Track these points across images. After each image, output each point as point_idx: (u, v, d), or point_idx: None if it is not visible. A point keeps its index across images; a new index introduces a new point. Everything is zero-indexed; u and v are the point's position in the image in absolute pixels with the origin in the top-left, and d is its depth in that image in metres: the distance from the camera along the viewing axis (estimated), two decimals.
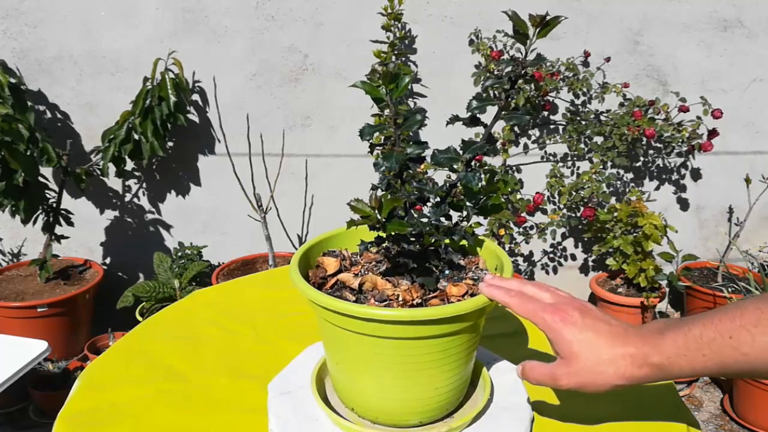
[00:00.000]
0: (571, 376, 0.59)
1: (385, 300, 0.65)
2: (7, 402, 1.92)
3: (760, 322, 0.52)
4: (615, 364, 0.58)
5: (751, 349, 0.52)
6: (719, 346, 0.53)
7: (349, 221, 0.66)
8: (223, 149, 2.23)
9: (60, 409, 0.74)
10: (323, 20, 2.16)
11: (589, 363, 0.59)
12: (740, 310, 0.53)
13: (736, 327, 0.53)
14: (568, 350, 0.60)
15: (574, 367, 0.59)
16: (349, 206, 0.65)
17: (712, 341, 0.54)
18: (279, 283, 1.08)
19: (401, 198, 0.67)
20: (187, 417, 0.73)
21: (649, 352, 0.57)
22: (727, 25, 2.16)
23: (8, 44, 2.15)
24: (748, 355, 0.52)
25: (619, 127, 2.11)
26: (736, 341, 0.53)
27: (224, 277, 2.22)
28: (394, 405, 0.67)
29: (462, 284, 0.67)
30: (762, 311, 0.52)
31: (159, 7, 2.13)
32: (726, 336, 0.53)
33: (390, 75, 0.66)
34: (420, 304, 0.65)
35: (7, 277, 2.19)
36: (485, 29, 2.13)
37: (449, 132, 0.99)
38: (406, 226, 0.66)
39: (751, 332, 0.52)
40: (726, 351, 0.53)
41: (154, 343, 0.90)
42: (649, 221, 2.06)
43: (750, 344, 0.52)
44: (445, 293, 0.67)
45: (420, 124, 0.68)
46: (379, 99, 0.67)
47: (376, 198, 0.65)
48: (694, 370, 0.56)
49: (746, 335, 0.52)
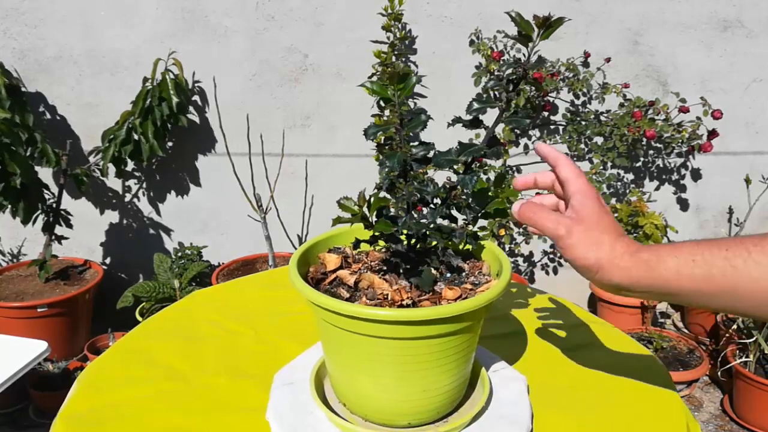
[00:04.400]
0: (572, 230, 0.60)
1: (375, 299, 0.65)
2: (7, 402, 1.92)
3: (760, 243, 0.52)
4: (612, 246, 0.59)
5: (744, 263, 0.52)
6: (712, 254, 0.54)
7: (335, 218, 0.67)
8: (223, 149, 2.23)
9: (59, 409, 0.74)
10: (323, 20, 2.16)
11: (594, 232, 0.60)
12: (746, 236, 0.54)
13: (735, 242, 0.53)
14: (586, 211, 0.61)
15: (580, 226, 0.60)
16: (337, 204, 0.66)
17: (706, 249, 0.54)
18: (279, 283, 1.08)
19: (402, 198, 0.67)
20: (187, 417, 0.73)
21: (643, 248, 0.59)
22: (727, 25, 2.16)
23: (8, 44, 2.15)
24: (737, 269, 0.52)
25: (619, 127, 2.11)
26: (731, 253, 0.53)
27: (224, 278, 2.21)
28: (385, 404, 0.67)
29: (457, 288, 0.67)
30: (765, 237, 0.52)
31: (159, 7, 2.13)
32: (723, 248, 0.53)
33: (398, 75, 0.66)
34: (412, 304, 0.65)
35: (7, 278, 2.19)
36: (485, 29, 2.12)
37: (449, 133, 0.99)
38: (392, 227, 0.66)
39: (749, 249, 0.52)
40: (717, 260, 0.53)
41: (153, 343, 0.89)
42: (649, 221, 2.06)
43: (744, 258, 0.52)
44: (439, 296, 0.66)
45: (425, 124, 0.67)
46: (387, 99, 0.67)
47: (362, 196, 0.65)
48: (678, 276, 0.55)
49: (743, 250, 0.52)
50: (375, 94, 0.68)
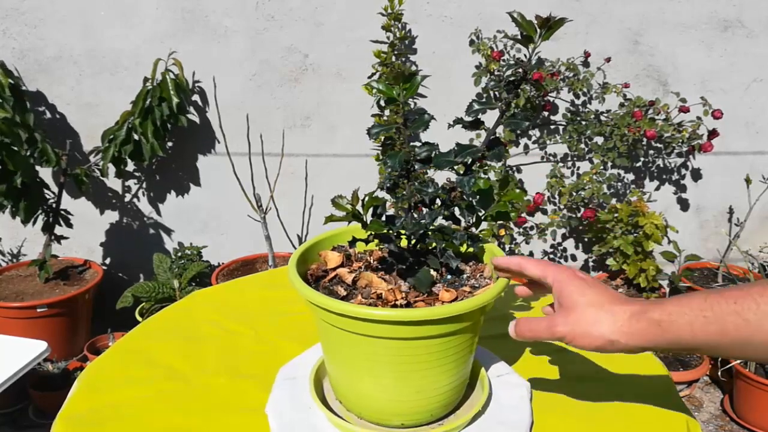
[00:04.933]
0: (568, 323, 0.60)
1: (369, 298, 0.65)
2: (7, 402, 1.92)
3: (765, 293, 0.52)
4: (614, 315, 0.59)
5: (755, 316, 0.52)
6: (722, 310, 0.54)
7: (328, 216, 0.67)
8: (223, 149, 2.23)
9: (59, 410, 0.74)
10: (323, 20, 2.16)
11: (587, 313, 0.60)
12: (748, 285, 0.54)
13: (742, 294, 0.53)
14: (570, 300, 0.61)
15: (572, 316, 0.60)
16: (331, 202, 0.66)
17: (715, 304, 0.54)
18: (279, 283, 1.08)
19: (403, 198, 0.67)
20: (187, 417, 0.73)
21: (650, 308, 0.58)
22: (727, 25, 2.16)
23: (8, 44, 2.15)
24: (750, 323, 0.52)
25: (619, 127, 2.11)
26: (740, 306, 0.53)
27: (224, 278, 2.21)
28: (382, 404, 0.67)
29: (453, 290, 0.66)
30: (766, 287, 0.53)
31: (159, 7, 2.13)
32: (731, 301, 0.54)
33: (404, 75, 0.66)
34: (407, 305, 0.64)
35: (7, 278, 2.19)
36: (485, 29, 2.12)
37: (449, 133, 0.99)
38: (384, 227, 0.66)
39: (756, 300, 0.52)
40: (728, 316, 0.53)
41: (153, 344, 0.89)
42: (650, 221, 2.06)
43: (754, 311, 0.52)
44: (435, 297, 0.66)
45: (427, 124, 0.67)
46: (392, 99, 0.67)
47: (355, 195, 0.65)
48: (693, 334, 0.55)
49: (751, 302, 0.52)
50: (380, 93, 0.68)
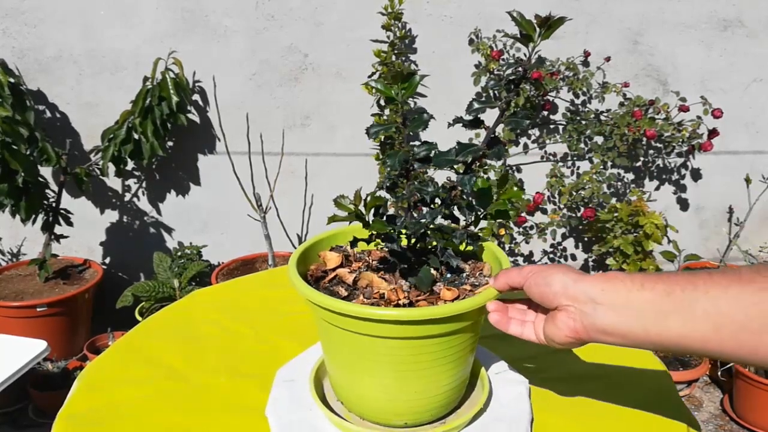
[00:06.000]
0: (534, 269, 0.61)
1: (372, 298, 0.65)
2: (7, 402, 1.92)
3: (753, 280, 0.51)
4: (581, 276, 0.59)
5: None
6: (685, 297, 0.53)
7: (331, 217, 0.67)
8: (223, 149, 2.23)
9: (59, 409, 0.74)
10: (323, 20, 2.15)
11: (554, 269, 0.60)
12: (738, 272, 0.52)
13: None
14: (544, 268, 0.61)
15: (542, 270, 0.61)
16: (334, 202, 0.66)
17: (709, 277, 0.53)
18: (279, 283, 1.08)
19: (403, 197, 0.67)
20: (187, 417, 0.73)
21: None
22: (727, 24, 2.16)
23: (8, 43, 2.15)
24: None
25: (619, 126, 2.11)
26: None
27: (224, 277, 2.21)
28: (383, 404, 0.67)
29: (455, 289, 0.66)
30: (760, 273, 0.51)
31: (159, 7, 2.13)
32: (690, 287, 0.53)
33: (402, 75, 0.66)
34: (409, 304, 0.64)
35: (7, 277, 2.19)
36: (485, 29, 2.12)
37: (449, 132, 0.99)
38: (387, 226, 0.66)
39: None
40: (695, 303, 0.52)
41: (153, 343, 0.89)
42: (649, 220, 2.06)
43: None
44: (437, 296, 0.66)
45: (426, 123, 0.67)
46: (391, 98, 0.67)
47: (358, 195, 0.65)
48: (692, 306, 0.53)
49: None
50: (379, 93, 0.68)
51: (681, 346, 0.54)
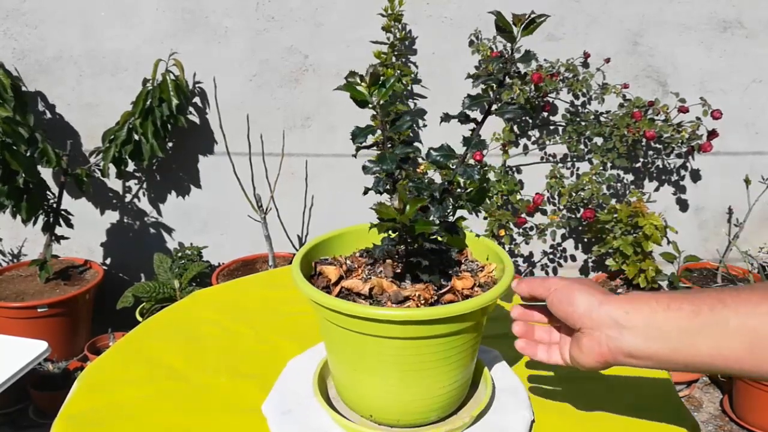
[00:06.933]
0: (561, 282, 0.61)
1: (402, 300, 0.64)
2: (7, 402, 1.92)
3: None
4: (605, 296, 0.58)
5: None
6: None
7: (373, 224, 0.65)
8: (223, 149, 2.23)
9: (59, 410, 0.74)
10: (323, 21, 2.16)
11: (577, 287, 0.60)
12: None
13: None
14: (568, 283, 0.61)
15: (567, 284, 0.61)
16: (373, 210, 0.63)
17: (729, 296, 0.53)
18: (279, 284, 1.08)
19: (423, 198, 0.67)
20: (187, 417, 0.73)
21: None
22: (727, 25, 2.16)
23: (8, 44, 2.15)
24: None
25: (619, 128, 2.11)
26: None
27: (224, 278, 2.21)
28: (388, 404, 0.67)
29: (464, 276, 0.67)
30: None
31: (159, 8, 2.13)
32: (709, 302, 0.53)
33: (375, 76, 0.64)
34: (436, 301, 0.65)
35: (7, 278, 2.19)
36: (485, 30, 2.13)
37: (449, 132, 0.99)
38: (432, 226, 0.65)
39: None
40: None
41: (154, 344, 0.90)
42: (649, 221, 2.06)
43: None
44: (453, 288, 0.67)
45: (410, 125, 0.67)
46: (364, 102, 0.65)
47: (401, 200, 0.63)
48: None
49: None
50: (351, 93, 0.66)
51: (713, 366, 0.53)
